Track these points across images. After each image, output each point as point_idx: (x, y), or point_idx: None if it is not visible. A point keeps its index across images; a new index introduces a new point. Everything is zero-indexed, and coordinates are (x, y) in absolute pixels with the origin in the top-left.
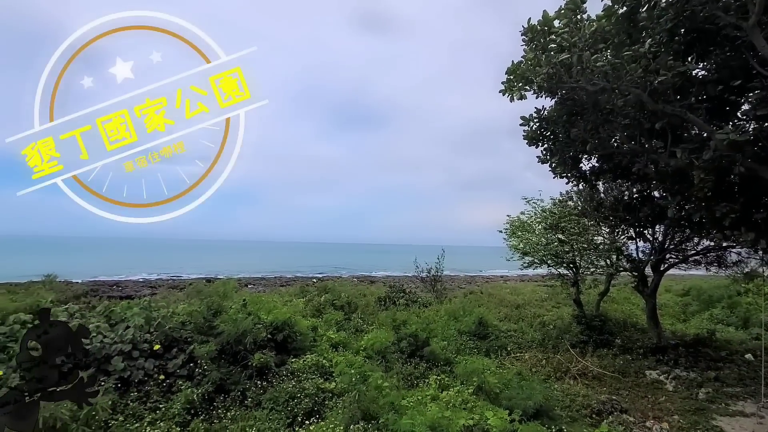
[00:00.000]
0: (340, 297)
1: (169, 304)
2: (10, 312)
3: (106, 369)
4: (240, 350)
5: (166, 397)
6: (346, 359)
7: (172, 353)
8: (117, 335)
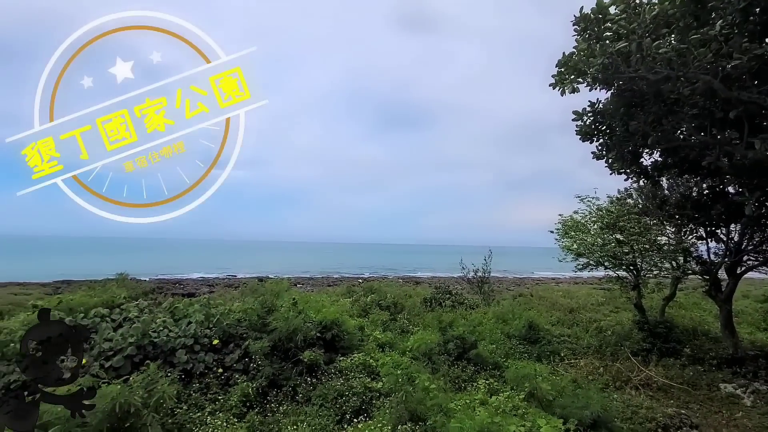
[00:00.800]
0: (386, 297)
1: (226, 302)
2: (90, 306)
3: (172, 361)
4: (291, 347)
5: (224, 390)
6: (393, 360)
7: (229, 348)
8: (180, 330)
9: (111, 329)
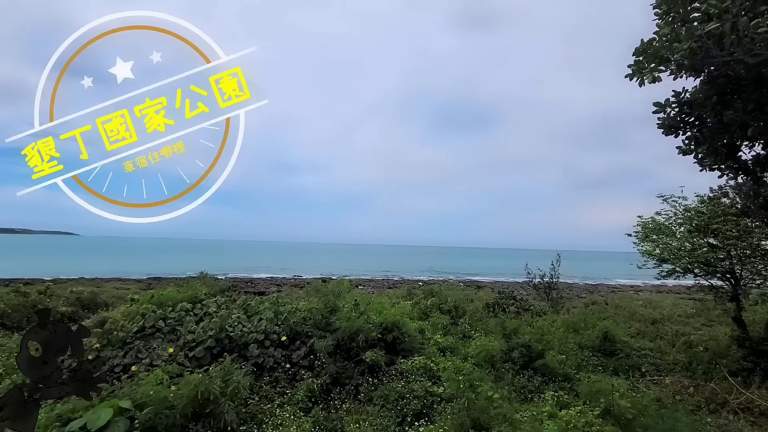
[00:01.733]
0: (447, 301)
1: (293, 301)
2: (177, 301)
3: (245, 354)
4: (353, 347)
5: (292, 384)
6: (454, 365)
7: (296, 345)
8: (253, 326)
9: (194, 322)
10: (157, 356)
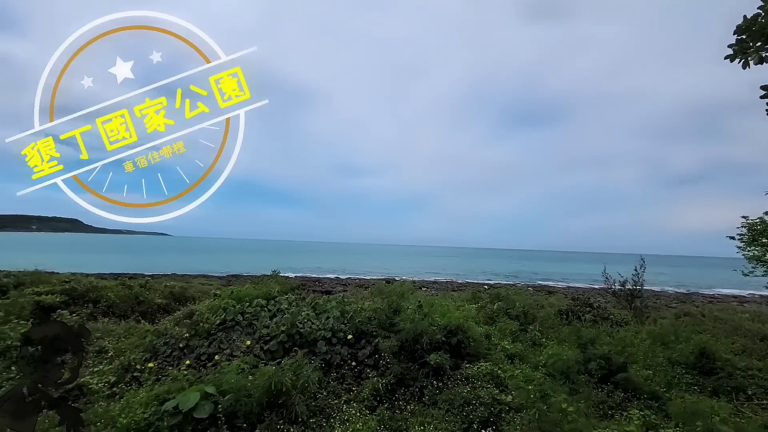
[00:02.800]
0: (515, 306)
1: (358, 301)
2: (254, 297)
3: (314, 350)
4: (417, 349)
5: (357, 382)
6: (523, 373)
7: (361, 344)
8: (321, 323)
9: (268, 318)
10: (236, 347)
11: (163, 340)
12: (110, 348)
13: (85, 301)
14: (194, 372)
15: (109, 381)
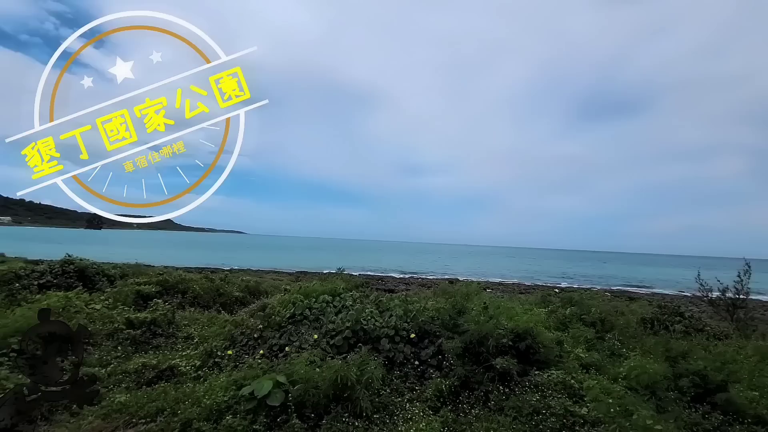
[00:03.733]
0: (590, 312)
1: (420, 300)
2: (320, 293)
3: (378, 347)
4: (482, 352)
5: (420, 381)
6: (601, 385)
7: (424, 343)
8: (384, 321)
9: (333, 314)
10: (304, 340)
11: (240, 330)
12: (196, 335)
13: (175, 291)
14: (267, 361)
15: (195, 365)
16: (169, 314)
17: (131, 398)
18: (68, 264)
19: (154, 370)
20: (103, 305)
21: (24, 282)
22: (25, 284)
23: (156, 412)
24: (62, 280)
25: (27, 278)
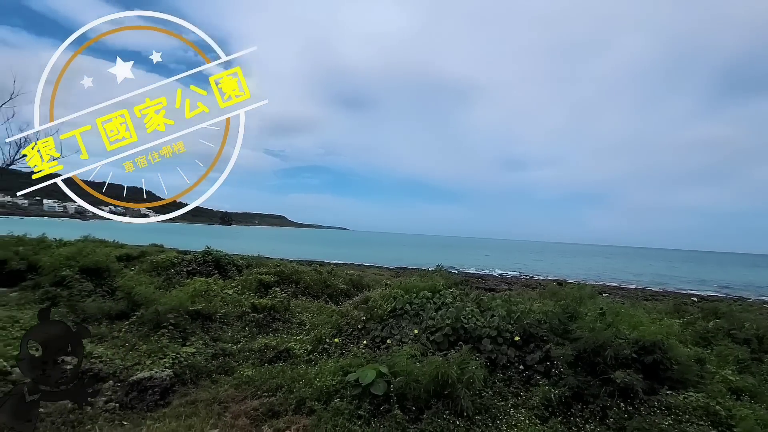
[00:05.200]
0: (743, 327)
1: (525, 301)
2: (420, 289)
3: (478, 347)
4: (598, 362)
5: (526, 387)
6: (757, 415)
7: (530, 348)
8: (486, 321)
9: (433, 310)
10: (405, 334)
11: (346, 320)
12: (307, 322)
13: (290, 282)
14: (370, 351)
15: (307, 349)
16: (285, 302)
17: (256, 373)
18: (207, 255)
19: (274, 350)
20: (233, 291)
21: (177, 269)
22: (178, 270)
23: (276, 388)
24: (203, 268)
25: (179, 266)
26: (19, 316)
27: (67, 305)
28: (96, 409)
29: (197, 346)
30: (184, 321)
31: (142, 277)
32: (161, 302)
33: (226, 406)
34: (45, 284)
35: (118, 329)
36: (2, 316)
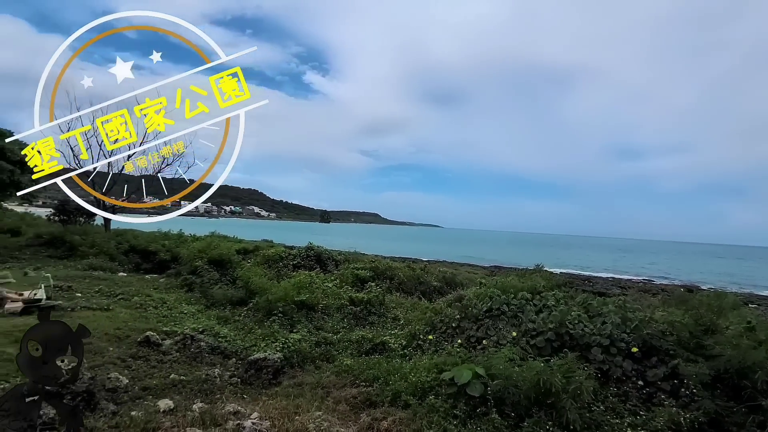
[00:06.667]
0: None
1: (644, 308)
2: (518, 290)
3: (587, 356)
4: (744, 386)
5: (646, 406)
6: None
7: (651, 362)
8: (595, 327)
9: (533, 312)
10: (502, 336)
11: (439, 317)
12: (401, 317)
13: (384, 277)
14: (465, 351)
15: (402, 344)
16: (380, 296)
17: (354, 363)
18: (310, 250)
19: (370, 342)
20: (333, 284)
21: (284, 262)
22: (285, 263)
23: (373, 379)
24: (306, 262)
25: (286, 259)
26: (166, 298)
27: (200, 291)
28: (223, 381)
29: (302, 334)
30: (291, 310)
31: (256, 269)
32: (272, 292)
33: (329, 391)
34: (184, 272)
35: (239, 314)
36: (155, 298)
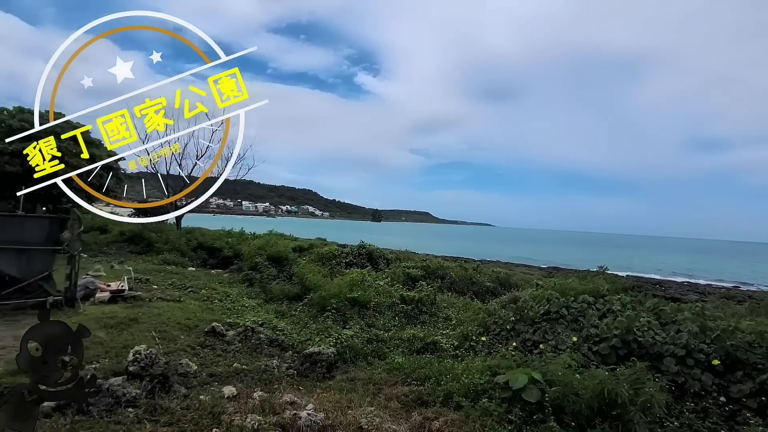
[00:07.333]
0: None
1: (727, 317)
2: (579, 292)
3: (658, 366)
4: None
5: (728, 425)
6: None
7: (736, 376)
8: (668, 336)
9: (596, 317)
10: (561, 341)
11: (493, 319)
12: (453, 317)
13: (435, 276)
14: (520, 354)
15: (453, 344)
16: (431, 296)
17: (406, 361)
18: (362, 248)
19: (422, 341)
20: (384, 282)
21: (337, 260)
22: (338, 261)
23: (424, 378)
24: (358, 260)
25: (339, 257)
26: (229, 291)
27: (260, 285)
28: (281, 372)
29: (355, 330)
30: (344, 306)
31: (312, 266)
32: (326, 289)
33: (380, 388)
34: (245, 268)
35: (295, 308)
36: (220, 291)
